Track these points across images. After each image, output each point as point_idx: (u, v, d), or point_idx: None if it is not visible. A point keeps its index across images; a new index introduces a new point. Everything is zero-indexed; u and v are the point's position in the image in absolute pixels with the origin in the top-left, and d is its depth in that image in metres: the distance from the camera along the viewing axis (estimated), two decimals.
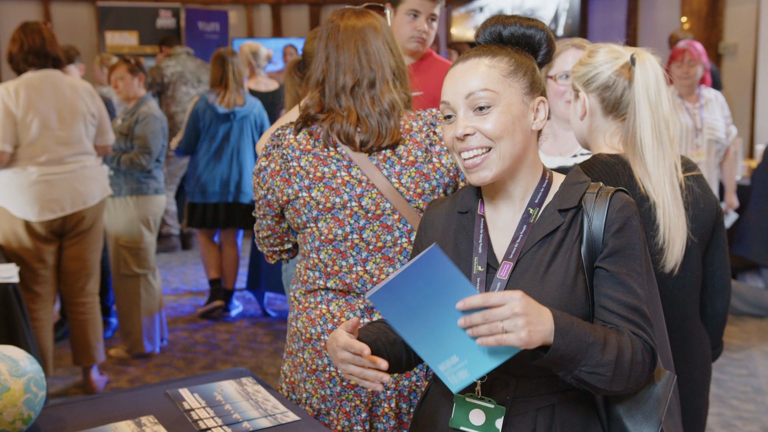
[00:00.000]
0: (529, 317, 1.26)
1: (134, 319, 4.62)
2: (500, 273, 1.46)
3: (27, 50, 3.78)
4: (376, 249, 1.97)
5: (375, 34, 2.00)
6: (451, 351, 1.34)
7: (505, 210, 1.53)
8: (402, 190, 1.95)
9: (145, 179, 4.58)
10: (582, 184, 1.51)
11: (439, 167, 1.97)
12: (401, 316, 1.35)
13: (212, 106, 5.08)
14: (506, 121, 1.44)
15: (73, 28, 8.92)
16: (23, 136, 3.73)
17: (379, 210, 1.96)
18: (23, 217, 3.77)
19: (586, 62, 1.96)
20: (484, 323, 1.27)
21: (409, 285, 1.32)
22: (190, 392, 1.96)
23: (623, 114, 1.90)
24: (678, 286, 1.92)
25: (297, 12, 10.27)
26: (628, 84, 1.88)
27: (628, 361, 1.36)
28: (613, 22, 8.70)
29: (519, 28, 1.50)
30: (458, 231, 1.56)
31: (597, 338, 1.34)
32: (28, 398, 1.71)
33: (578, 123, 2.01)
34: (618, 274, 1.43)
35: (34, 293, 3.86)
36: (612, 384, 1.36)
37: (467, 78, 1.46)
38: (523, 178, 1.51)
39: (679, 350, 1.92)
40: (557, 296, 1.42)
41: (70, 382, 4.36)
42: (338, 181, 1.97)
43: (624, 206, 1.46)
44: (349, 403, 2.01)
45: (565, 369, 1.34)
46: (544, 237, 1.46)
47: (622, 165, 1.87)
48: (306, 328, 2.04)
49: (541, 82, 1.51)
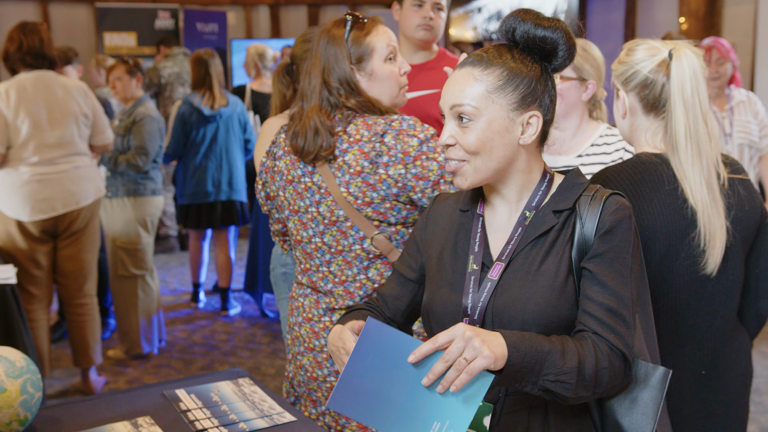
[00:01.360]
0: (481, 336, 1.27)
1: (132, 320, 4.62)
2: (491, 273, 1.47)
3: (26, 51, 3.77)
4: (337, 252, 2.02)
5: (326, 46, 2.01)
6: (429, 420, 1.30)
7: (501, 210, 1.54)
8: (350, 199, 1.97)
9: (142, 180, 4.58)
10: (579, 186, 1.50)
11: (386, 178, 1.95)
12: (367, 409, 1.31)
13: (198, 109, 5.10)
14: (484, 137, 1.44)
15: (71, 29, 8.91)
16: (14, 137, 3.73)
17: (334, 217, 1.99)
18: (15, 217, 3.77)
19: (624, 60, 1.92)
20: (446, 367, 1.27)
21: (361, 371, 1.29)
22: (186, 393, 1.96)
23: (664, 112, 1.87)
24: (718, 288, 1.87)
25: (295, 13, 10.27)
26: (667, 80, 1.84)
27: (591, 368, 1.35)
28: (612, 22, 8.70)
29: (531, 29, 1.44)
30: (459, 229, 1.57)
31: (554, 347, 1.34)
32: (24, 399, 1.71)
33: (620, 122, 1.98)
34: (599, 275, 1.42)
35: (29, 294, 3.86)
36: (578, 391, 1.35)
37: (455, 88, 1.47)
38: (515, 182, 1.51)
39: (717, 353, 1.88)
40: (546, 296, 1.42)
41: (68, 383, 4.35)
42: (302, 186, 2.04)
43: (617, 209, 1.44)
44: (316, 393, 2.10)
45: (529, 381, 1.32)
46: (537, 237, 1.47)
47: (665, 165, 1.84)
48: (288, 315, 2.19)
49: (539, 94, 1.46)
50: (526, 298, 1.41)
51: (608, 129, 2.38)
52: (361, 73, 2.02)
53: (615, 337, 1.38)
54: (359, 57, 2.01)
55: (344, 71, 1.99)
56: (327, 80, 1.99)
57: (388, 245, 1.98)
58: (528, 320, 1.40)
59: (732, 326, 1.92)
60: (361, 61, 2.02)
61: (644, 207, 1.81)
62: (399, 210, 1.98)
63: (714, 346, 1.87)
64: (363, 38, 2.02)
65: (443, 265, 1.56)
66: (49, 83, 3.84)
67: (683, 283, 1.84)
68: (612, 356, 1.38)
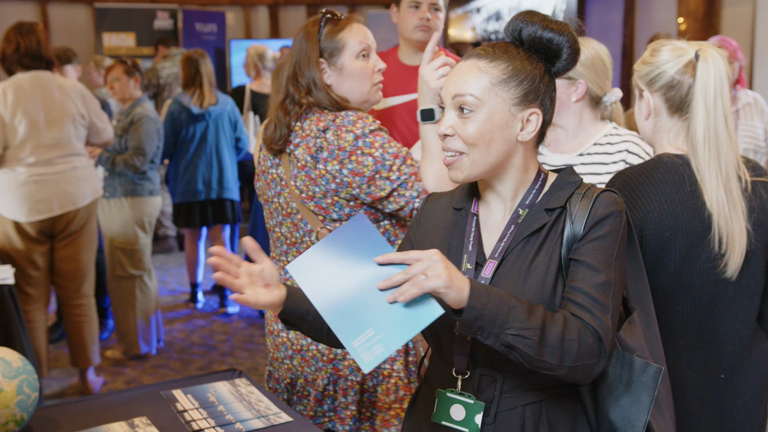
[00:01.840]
0: (447, 263, 1.30)
1: (130, 321, 4.62)
2: (484, 271, 1.47)
3: (23, 52, 3.77)
4: (291, 243, 2.11)
5: (300, 43, 2.06)
6: (366, 324, 1.31)
7: (496, 209, 1.54)
8: (296, 192, 2.03)
9: (139, 180, 4.58)
10: (571, 185, 1.51)
11: (324, 173, 1.98)
12: (318, 287, 1.34)
13: (187, 108, 5.12)
14: (484, 129, 1.44)
15: (70, 30, 8.90)
16: (11, 138, 3.73)
17: (289, 208, 2.07)
18: (12, 217, 3.77)
19: (648, 61, 1.90)
20: (405, 279, 1.30)
21: (332, 254, 1.33)
22: (183, 393, 1.96)
23: (688, 113, 1.85)
24: (738, 291, 1.85)
25: (294, 13, 10.27)
26: (693, 82, 1.83)
27: (558, 334, 1.34)
28: (610, 22, 8.71)
29: (537, 30, 1.46)
30: (452, 227, 1.58)
31: (521, 304, 1.34)
32: (20, 399, 1.71)
33: (643, 122, 1.96)
34: (582, 262, 1.42)
35: (26, 295, 3.86)
36: (542, 352, 1.33)
37: (459, 78, 1.47)
38: (511, 179, 1.51)
39: (737, 358, 1.86)
40: (538, 294, 1.42)
41: (66, 384, 4.35)
42: (270, 177, 2.14)
43: (609, 204, 1.45)
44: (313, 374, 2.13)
45: (491, 334, 1.32)
46: (529, 235, 1.47)
47: (687, 166, 1.82)
48: (271, 320, 2.24)
49: (541, 92, 1.47)
50: (517, 295, 1.41)
51: (614, 129, 2.35)
52: (332, 68, 2.06)
53: (590, 317, 1.37)
54: (331, 52, 2.05)
55: (312, 67, 2.03)
56: (297, 75, 2.04)
57: None
58: None
59: (752, 330, 1.89)
60: (332, 56, 2.06)
61: (665, 208, 1.80)
62: (341, 206, 2.01)
63: (734, 351, 1.84)
64: (336, 34, 2.06)
65: None
66: (47, 84, 3.84)
67: (703, 286, 1.82)
68: (583, 332, 1.36)
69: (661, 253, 1.81)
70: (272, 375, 2.25)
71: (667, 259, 1.81)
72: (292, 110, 2.04)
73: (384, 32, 9.94)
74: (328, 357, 2.08)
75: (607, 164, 2.29)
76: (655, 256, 1.82)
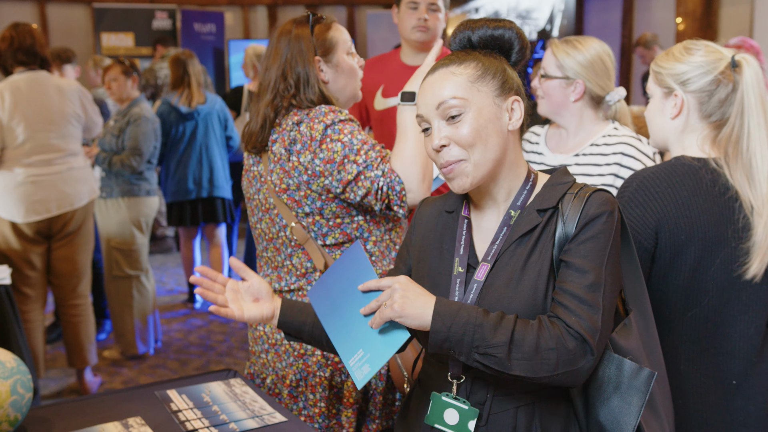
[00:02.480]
0: (406, 292, 1.38)
1: (127, 321, 4.62)
2: (477, 274, 1.47)
3: (17, 47, 3.78)
4: (269, 239, 2.15)
5: (289, 43, 2.08)
6: (358, 345, 1.44)
7: (489, 212, 1.54)
8: (272, 186, 2.07)
9: (136, 181, 4.58)
10: (564, 185, 1.50)
11: (297, 165, 2.02)
12: (327, 311, 1.50)
13: (175, 108, 5.15)
14: (479, 126, 1.44)
15: (69, 30, 8.90)
16: (9, 139, 3.73)
17: (267, 204, 2.11)
18: (9, 218, 3.78)
19: (683, 59, 1.86)
20: (378, 306, 1.40)
21: (335, 280, 1.47)
22: (178, 393, 1.96)
23: (720, 118, 1.83)
24: (754, 297, 1.82)
25: (293, 13, 10.26)
26: (732, 88, 1.80)
27: (531, 346, 1.35)
28: (609, 22, 8.71)
29: (486, 31, 1.50)
30: (444, 231, 1.58)
31: (488, 321, 1.36)
32: (14, 400, 1.71)
33: (663, 121, 1.91)
34: (571, 263, 1.41)
35: (23, 295, 3.86)
36: (511, 367, 1.35)
37: (436, 89, 1.47)
38: (506, 180, 1.51)
39: (749, 363, 1.83)
40: (530, 296, 1.42)
41: (63, 384, 4.35)
42: (251, 175, 2.18)
43: (601, 203, 1.44)
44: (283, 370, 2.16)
45: (461, 352, 1.37)
46: (521, 236, 1.47)
47: (706, 169, 1.79)
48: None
49: (513, 81, 1.50)
50: (510, 298, 1.41)
51: (614, 130, 2.33)
52: (329, 65, 2.11)
53: (575, 320, 1.37)
54: (325, 50, 2.10)
55: (306, 66, 2.06)
56: (285, 75, 2.07)
57: (305, 235, 2.06)
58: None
59: (764, 335, 1.87)
60: (328, 53, 2.11)
61: (681, 211, 1.78)
62: (313, 200, 2.03)
63: (746, 356, 1.82)
64: (326, 33, 2.11)
65: (429, 267, 1.56)
66: (44, 84, 3.84)
67: (717, 291, 1.80)
68: (563, 338, 1.36)
69: (676, 257, 1.79)
70: (249, 372, 2.27)
71: (681, 263, 1.79)
72: (282, 109, 2.07)
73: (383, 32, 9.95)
74: (299, 352, 2.10)
75: (600, 165, 2.28)
76: (669, 259, 1.79)
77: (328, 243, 2.06)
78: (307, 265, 2.08)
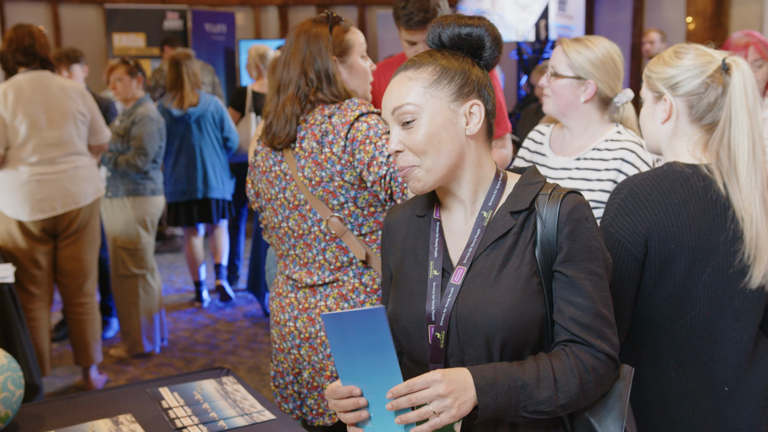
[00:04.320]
0: (454, 393, 1.31)
1: (133, 319, 4.65)
2: (454, 278, 1.46)
3: (15, 48, 3.83)
4: (298, 236, 2.16)
5: (308, 41, 2.13)
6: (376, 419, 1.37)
7: (457, 213, 1.53)
8: (305, 181, 2.10)
9: (142, 180, 4.61)
10: (535, 185, 1.49)
11: (330, 156, 2.07)
12: (340, 349, 1.37)
13: (168, 110, 5.18)
14: (429, 133, 1.44)
15: (81, 30, 8.97)
16: (12, 138, 3.77)
17: (296, 201, 2.13)
18: (15, 216, 3.81)
19: (672, 63, 1.83)
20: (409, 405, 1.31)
21: (353, 328, 1.34)
22: (169, 391, 1.98)
23: (711, 122, 1.81)
24: (746, 305, 1.79)
25: (304, 13, 10.28)
26: (721, 91, 1.78)
27: (575, 387, 1.37)
28: (619, 22, 8.67)
29: (454, 30, 1.49)
30: (417, 235, 1.57)
31: (527, 379, 1.35)
32: (5, 396, 1.73)
33: (654, 126, 1.89)
34: (576, 279, 1.41)
35: (29, 293, 3.90)
36: (564, 409, 1.38)
37: (394, 94, 1.48)
38: (468, 180, 1.49)
39: (741, 369, 1.80)
40: (509, 300, 1.40)
41: (69, 382, 4.39)
42: (273, 175, 2.19)
43: (575, 208, 1.43)
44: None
45: (508, 415, 1.36)
46: (496, 240, 1.46)
47: (698, 176, 1.77)
48: (277, 312, 2.27)
49: (475, 84, 1.47)
50: (490, 303, 1.40)
51: (617, 134, 2.29)
52: (344, 65, 2.18)
53: (601, 342, 1.40)
54: (342, 51, 2.17)
55: (326, 63, 2.12)
56: (306, 71, 2.12)
57: (342, 227, 2.09)
58: (492, 325, 1.39)
59: (755, 341, 1.85)
60: (344, 54, 2.19)
61: (672, 219, 1.75)
62: (347, 189, 2.08)
63: (738, 363, 1.80)
64: (344, 34, 2.18)
65: (405, 273, 1.55)
66: (46, 83, 3.88)
67: (708, 299, 1.78)
68: (597, 365, 1.39)
69: (666, 266, 1.76)
70: (277, 371, 2.28)
71: (672, 271, 1.76)
72: (306, 105, 2.12)
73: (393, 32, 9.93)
74: None
75: (600, 171, 2.24)
76: (659, 268, 1.77)
77: (364, 232, 2.12)
78: (343, 258, 2.12)
